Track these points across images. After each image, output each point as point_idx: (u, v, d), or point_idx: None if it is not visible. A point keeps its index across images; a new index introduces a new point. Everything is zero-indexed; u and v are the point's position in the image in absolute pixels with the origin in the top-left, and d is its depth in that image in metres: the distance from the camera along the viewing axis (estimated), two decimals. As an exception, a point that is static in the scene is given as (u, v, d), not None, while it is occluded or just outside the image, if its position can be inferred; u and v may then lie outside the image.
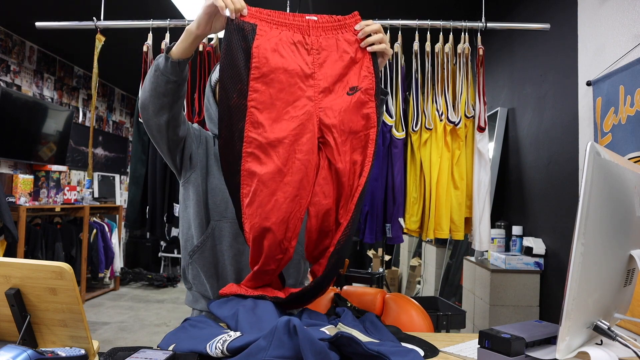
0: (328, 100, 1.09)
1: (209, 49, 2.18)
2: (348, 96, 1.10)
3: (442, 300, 2.84)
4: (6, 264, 0.83)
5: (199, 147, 1.30)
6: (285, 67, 1.06)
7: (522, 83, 2.91)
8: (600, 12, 2.06)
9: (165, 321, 4.21)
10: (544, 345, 0.89)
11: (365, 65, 1.12)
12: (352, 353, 0.81)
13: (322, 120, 1.08)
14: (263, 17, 1.08)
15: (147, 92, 1.13)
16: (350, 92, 1.10)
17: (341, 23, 1.12)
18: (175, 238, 6.00)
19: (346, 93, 1.10)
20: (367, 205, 2.16)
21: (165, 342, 0.96)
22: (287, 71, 1.06)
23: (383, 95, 1.20)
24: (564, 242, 2.35)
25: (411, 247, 5.25)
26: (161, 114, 1.14)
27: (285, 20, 1.08)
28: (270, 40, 1.06)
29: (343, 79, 1.10)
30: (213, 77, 1.33)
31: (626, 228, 0.91)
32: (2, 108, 3.98)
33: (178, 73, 1.10)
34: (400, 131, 2.16)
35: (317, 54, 1.09)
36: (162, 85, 1.10)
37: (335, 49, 1.10)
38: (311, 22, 1.09)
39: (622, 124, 1.83)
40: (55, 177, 4.60)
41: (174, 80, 1.10)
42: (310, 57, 1.09)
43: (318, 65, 1.09)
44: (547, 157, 2.53)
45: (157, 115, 1.14)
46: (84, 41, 3.44)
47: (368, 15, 2.26)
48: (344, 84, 1.10)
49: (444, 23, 2.16)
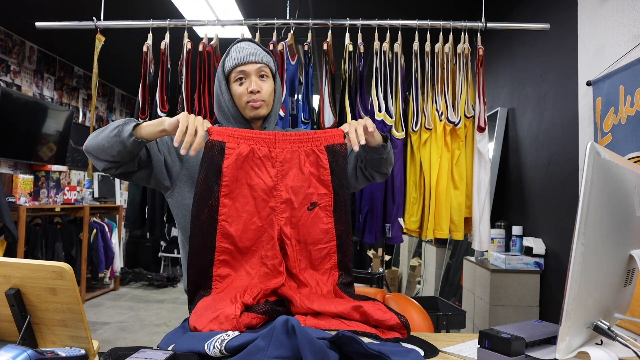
0: (289, 212, 1.16)
1: (209, 49, 2.18)
2: (308, 211, 1.17)
3: (442, 300, 2.84)
4: (6, 264, 0.83)
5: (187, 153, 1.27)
6: (250, 182, 1.14)
7: (522, 83, 2.91)
8: (600, 12, 2.06)
9: (165, 321, 4.21)
10: (544, 345, 0.89)
11: (325, 181, 1.17)
12: (353, 352, 0.81)
13: (282, 229, 1.15)
14: (229, 133, 1.14)
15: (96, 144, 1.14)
16: (310, 208, 1.17)
17: (309, 137, 1.17)
18: (175, 238, 6.00)
19: (307, 208, 1.16)
20: (367, 205, 2.16)
21: (165, 342, 0.97)
22: (251, 186, 1.14)
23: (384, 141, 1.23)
24: (564, 242, 2.35)
25: (411, 247, 5.25)
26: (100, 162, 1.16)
27: (252, 135, 1.15)
28: (239, 158, 1.13)
29: (304, 192, 1.16)
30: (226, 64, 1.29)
31: (626, 228, 0.91)
32: (2, 108, 3.98)
33: (135, 149, 1.12)
34: (400, 131, 2.16)
35: (281, 167, 1.16)
36: (115, 149, 1.11)
37: (297, 162, 1.16)
38: (278, 135, 1.16)
39: (622, 124, 1.83)
40: (55, 177, 4.60)
41: (129, 151, 1.12)
42: (274, 169, 1.16)
43: (281, 177, 1.16)
44: (547, 157, 2.52)
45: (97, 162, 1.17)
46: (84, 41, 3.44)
47: (368, 15, 2.27)
48: (305, 198, 1.16)
49: (444, 23, 2.16)
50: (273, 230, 1.15)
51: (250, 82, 1.25)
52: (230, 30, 3.33)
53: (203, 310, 1.00)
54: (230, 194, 1.13)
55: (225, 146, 1.13)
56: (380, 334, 1.00)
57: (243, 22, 2.27)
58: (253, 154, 1.14)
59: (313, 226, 1.16)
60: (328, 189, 1.17)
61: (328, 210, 1.17)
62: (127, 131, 1.10)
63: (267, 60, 1.29)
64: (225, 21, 2.31)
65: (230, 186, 1.13)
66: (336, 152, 1.17)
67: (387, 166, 1.32)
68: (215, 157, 1.12)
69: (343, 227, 1.18)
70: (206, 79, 2.19)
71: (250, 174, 1.14)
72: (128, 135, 1.09)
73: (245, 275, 1.13)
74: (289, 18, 2.49)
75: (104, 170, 1.17)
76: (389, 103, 2.15)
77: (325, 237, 1.17)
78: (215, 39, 2.24)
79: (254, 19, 2.23)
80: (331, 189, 1.17)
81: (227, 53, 1.29)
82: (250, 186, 1.14)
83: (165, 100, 2.22)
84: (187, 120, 1.07)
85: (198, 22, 2.30)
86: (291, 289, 1.12)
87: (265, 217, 1.15)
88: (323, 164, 1.16)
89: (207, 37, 2.24)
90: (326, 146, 1.17)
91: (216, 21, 2.28)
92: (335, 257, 1.18)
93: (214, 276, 1.13)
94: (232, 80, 1.27)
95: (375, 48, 2.17)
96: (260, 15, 2.38)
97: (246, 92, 1.25)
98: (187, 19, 2.52)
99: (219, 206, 1.12)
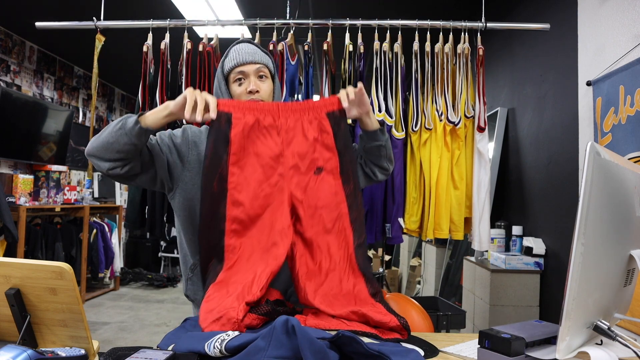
0: (297, 177, 1.17)
1: (209, 49, 2.18)
2: (315, 175, 1.18)
3: (442, 300, 2.84)
4: (6, 264, 0.83)
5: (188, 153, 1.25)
6: (257, 151, 1.16)
7: (522, 83, 2.91)
8: (600, 12, 2.06)
9: (165, 321, 4.21)
10: (544, 345, 0.89)
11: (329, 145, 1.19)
12: (353, 352, 0.81)
13: (293, 193, 1.16)
14: (235, 104, 1.17)
15: (101, 143, 1.13)
16: (317, 172, 1.18)
17: (310, 105, 1.20)
18: (175, 238, 5.99)
19: (313, 172, 1.18)
20: (367, 205, 2.16)
21: (165, 342, 0.96)
22: (258, 154, 1.16)
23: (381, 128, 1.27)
24: (564, 242, 2.35)
25: (411, 247, 5.25)
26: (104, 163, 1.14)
27: (256, 106, 1.18)
28: (245, 127, 1.15)
29: (310, 157, 1.19)
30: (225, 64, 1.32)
31: (626, 228, 0.91)
32: (2, 108, 3.98)
33: (141, 139, 1.12)
34: (400, 131, 2.16)
35: (286, 134, 1.18)
36: (121, 144, 1.10)
37: (300, 129, 1.19)
38: (280, 105, 1.19)
39: (622, 124, 1.83)
40: (55, 177, 4.60)
41: (135, 143, 1.11)
42: (279, 137, 1.17)
43: (286, 144, 1.18)
44: (547, 157, 2.52)
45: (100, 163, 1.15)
46: (84, 41, 3.44)
47: (368, 15, 2.27)
48: (311, 162, 1.18)
49: (444, 23, 2.16)
50: (283, 195, 1.16)
51: (249, 82, 1.26)
52: (230, 30, 3.33)
53: (206, 313, 1.00)
54: (238, 162, 1.14)
55: (232, 116, 1.15)
56: (381, 334, 1.00)
57: (243, 22, 2.28)
58: (258, 123, 1.16)
59: (322, 190, 1.17)
60: (332, 152, 1.19)
61: (335, 173, 1.19)
62: (131, 122, 1.10)
63: (266, 61, 1.29)
64: (225, 21, 2.31)
65: (238, 154, 1.14)
66: (337, 117, 1.20)
67: (387, 161, 1.33)
68: (223, 127, 1.14)
69: (351, 187, 1.19)
70: (206, 79, 2.19)
71: (256, 142, 1.16)
72: (133, 125, 1.09)
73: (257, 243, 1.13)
74: (289, 18, 2.50)
75: (108, 172, 1.15)
76: (389, 103, 2.15)
77: (335, 199, 1.18)
78: (215, 39, 2.24)
79: (254, 19, 2.23)
80: (335, 151, 1.19)
81: (227, 54, 1.30)
82: (257, 154, 1.16)
83: (165, 100, 2.22)
84: (195, 94, 1.10)
85: (198, 22, 2.30)
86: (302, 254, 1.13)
87: (274, 184, 1.16)
88: (326, 129, 1.19)
89: (207, 37, 2.24)
90: (327, 112, 1.20)
91: (216, 21, 2.28)
92: (347, 219, 1.18)
93: (225, 246, 1.12)
94: (232, 81, 1.28)
95: (375, 48, 2.17)
96: (260, 15, 2.38)
97: (245, 92, 1.25)
98: (187, 19, 2.52)
99: (229, 175, 1.13)
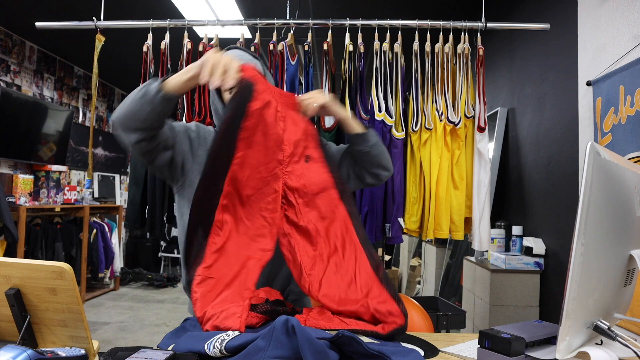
0: (292, 165, 1.19)
1: (209, 49, 2.18)
2: (306, 163, 1.21)
3: (442, 300, 2.84)
4: (6, 264, 0.83)
5: (199, 148, 1.26)
6: (266, 131, 1.15)
7: (522, 83, 2.91)
8: (600, 12, 2.06)
9: (165, 321, 4.21)
10: (544, 345, 0.89)
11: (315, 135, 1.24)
12: (353, 352, 0.81)
13: (286, 182, 1.17)
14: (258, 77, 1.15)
15: (125, 112, 1.09)
16: (307, 160, 1.22)
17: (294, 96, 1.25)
18: (175, 238, 6.00)
19: (304, 160, 1.21)
20: (367, 205, 2.16)
21: (164, 342, 0.96)
22: (267, 135, 1.15)
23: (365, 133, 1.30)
24: (564, 242, 2.35)
25: (411, 247, 5.25)
26: (131, 134, 1.11)
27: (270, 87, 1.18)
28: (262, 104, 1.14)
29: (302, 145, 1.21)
30: None
31: (626, 228, 0.91)
32: (2, 108, 3.98)
33: (165, 106, 1.08)
34: (400, 131, 2.16)
35: (283, 121, 1.19)
36: (145, 112, 1.07)
37: (292, 118, 1.21)
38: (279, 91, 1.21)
39: (622, 124, 1.83)
40: (55, 177, 4.60)
41: (159, 110, 1.08)
42: (281, 123, 1.19)
43: (283, 131, 1.19)
44: (547, 157, 2.52)
45: (128, 134, 1.11)
46: (84, 41, 3.44)
47: (368, 15, 2.27)
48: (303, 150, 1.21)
49: (444, 23, 2.16)
50: (277, 183, 1.16)
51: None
52: (230, 30, 3.33)
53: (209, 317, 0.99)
54: (248, 138, 1.12)
55: (254, 88, 1.12)
56: (381, 329, 1.00)
57: (243, 22, 2.27)
58: (270, 104, 1.16)
59: (313, 177, 1.20)
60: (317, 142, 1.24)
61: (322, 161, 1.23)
62: (153, 89, 1.06)
63: (254, 63, 1.29)
64: (225, 21, 2.31)
65: (250, 131, 1.12)
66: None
67: (377, 167, 1.34)
68: (246, 97, 1.11)
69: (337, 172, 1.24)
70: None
71: (267, 123, 1.15)
72: (155, 92, 1.06)
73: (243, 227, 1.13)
74: (289, 18, 2.49)
75: (135, 145, 1.11)
76: (389, 103, 2.15)
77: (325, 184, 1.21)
78: (215, 39, 2.24)
79: (254, 19, 2.23)
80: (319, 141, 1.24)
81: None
82: (266, 135, 1.15)
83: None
84: (214, 58, 1.04)
85: (198, 22, 2.30)
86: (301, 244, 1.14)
87: (272, 170, 1.16)
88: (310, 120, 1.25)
89: (207, 37, 2.24)
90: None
91: (216, 21, 2.28)
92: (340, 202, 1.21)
93: (215, 221, 1.10)
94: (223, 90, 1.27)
95: (375, 48, 2.17)
96: (260, 15, 2.38)
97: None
98: (187, 19, 2.52)
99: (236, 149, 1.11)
